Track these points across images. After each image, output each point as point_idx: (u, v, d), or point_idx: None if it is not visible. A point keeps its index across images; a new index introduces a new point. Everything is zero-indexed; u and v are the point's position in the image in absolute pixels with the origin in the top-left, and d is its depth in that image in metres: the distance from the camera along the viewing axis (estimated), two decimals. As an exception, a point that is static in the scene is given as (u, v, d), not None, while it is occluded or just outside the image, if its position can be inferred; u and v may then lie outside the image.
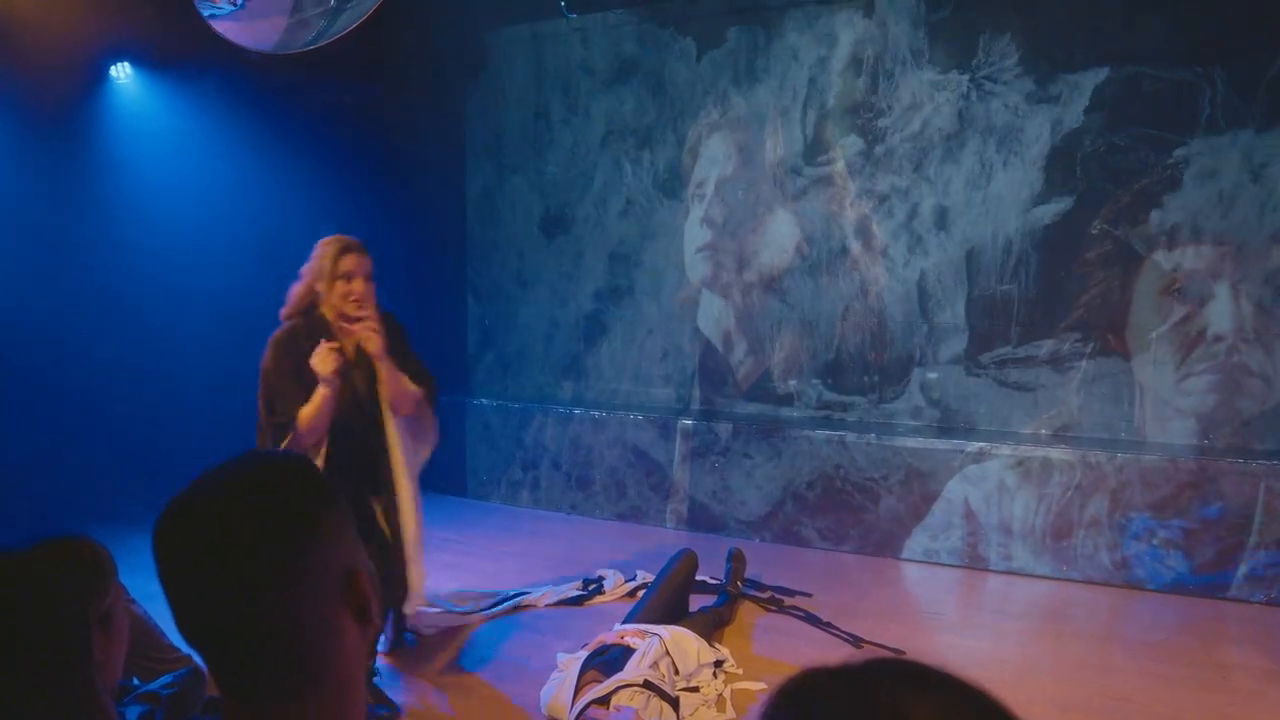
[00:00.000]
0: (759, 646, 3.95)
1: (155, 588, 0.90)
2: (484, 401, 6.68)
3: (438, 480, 6.57)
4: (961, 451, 5.04)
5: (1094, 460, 4.75)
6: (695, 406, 6.36)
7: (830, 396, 5.95)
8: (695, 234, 6.29)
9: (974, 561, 5.02)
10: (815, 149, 5.88)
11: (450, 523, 5.89)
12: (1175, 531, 4.57)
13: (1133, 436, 5.11)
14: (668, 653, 3.33)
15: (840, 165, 5.82)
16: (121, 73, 6.24)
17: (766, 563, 4.94)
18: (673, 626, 3.54)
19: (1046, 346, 5.32)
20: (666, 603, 3.90)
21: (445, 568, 4.94)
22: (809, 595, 4.49)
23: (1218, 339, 4.93)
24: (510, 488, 6.50)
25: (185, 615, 0.91)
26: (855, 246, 5.81)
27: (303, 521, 0.90)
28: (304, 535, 0.90)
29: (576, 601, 4.49)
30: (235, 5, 3.18)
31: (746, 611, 4.32)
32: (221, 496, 0.90)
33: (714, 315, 6.28)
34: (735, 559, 4.50)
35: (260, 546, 0.87)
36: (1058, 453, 4.85)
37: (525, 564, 5.15)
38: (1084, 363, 5.23)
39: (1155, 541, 4.62)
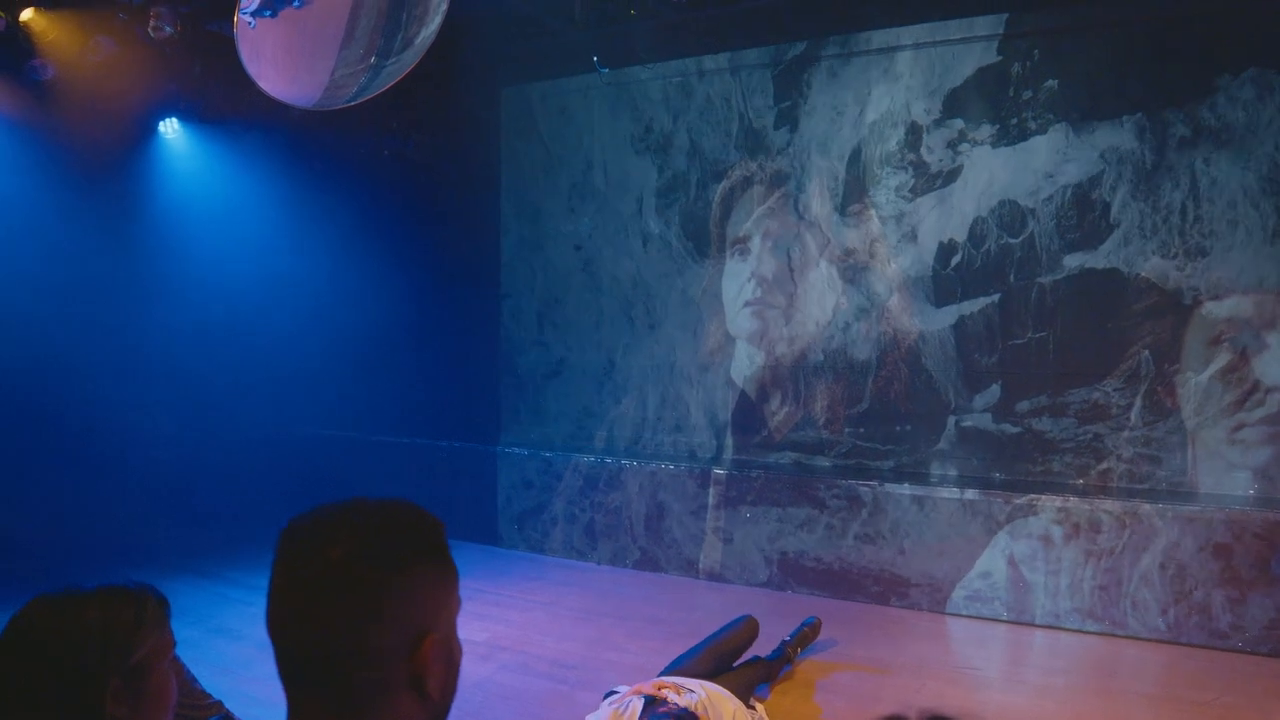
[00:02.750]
0: (801, 704, 3.86)
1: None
2: (516, 450, 6.67)
3: (468, 529, 6.57)
4: (1006, 503, 4.93)
5: (1143, 513, 4.62)
6: (728, 456, 6.31)
7: (865, 445, 5.87)
8: (736, 287, 6.30)
9: (1018, 616, 4.87)
10: (852, 201, 5.90)
11: (481, 572, 5.86)
12: (1229, 587, 4.41)
13: (1184, 489, 4.98)
14: (706, 711, 3.27)
15: (875, 216, 5.83)
16: (170, 128, 6.45)
17: (798, 614, 4.83)
18: (710, 684, 3.47)
19: (1090, 395, 5.22)
20: (714, 659, 3.82)
21: (475, 617, 4.90)
22: None
23: (1271, 390, 4.81)
24: (541, 536, 6.46)
25: (268, 612, 0.95)
26: (890, 296, 5.79)
27: (387, 564, 0.93)
28: (382, 577, 0.92)
29: None
30: (271, 10, 3.25)
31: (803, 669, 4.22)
32: (332, 517, 0.96)
33: (748, 365, 6.27)
34: (811, 627, 4.38)
35: (337, 569, 0.91)
36: (1105, 505, 4.72)
37: (554, 614, 5.09)
38: (1131, 413, 5.13)
39: (1208, 597, 4.46)
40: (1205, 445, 4.96)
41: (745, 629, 4.00)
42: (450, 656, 0.99)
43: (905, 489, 5.20)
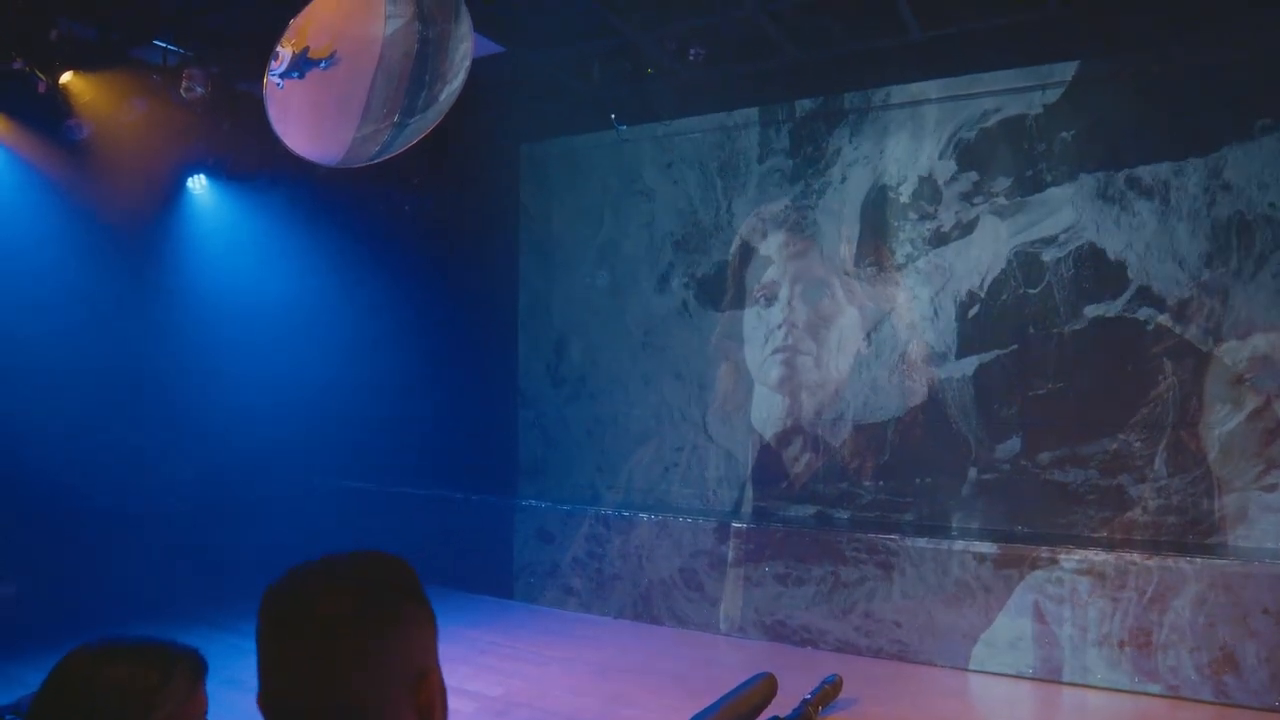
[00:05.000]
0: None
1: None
2: (532, 503, 6.64)
3: (484, 582, 6.52)
4: (1029, 556, 4.84)
5: (1172, 565, 4.51)
6: (748, 508, 6.26)
7: (886, 498, 5.81)
8: (760, 335, 6.31)
9: (1045, 673, 4.75)
10: (870, 252, 5.93)
11: (496, 625, 5.80)
12: (1266, 640, 4.28)
13: (1212, 538, 4.87)
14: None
15: (894, 267, 5.85)
16: (198, 185, 6.62)
17: (820, 670, 4.74)
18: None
19: (1112, 445, 5.16)
20: (731, 718, 3.74)
21: (490, 671, 4.84)
22: None
23: (1296, 435, 4.74)
24: (558, 590, 6.39)
25: (268, 682, 0.95)
26: (910, 347, 5.78)
27: (386, 609, 0.96)
28: (384, 621, 0.95)
29: None
30: (299, 72, 3.35)
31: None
32: (317, 574, 0.98)
33: (769, 413, 6.25)
34: (832, 685, 4.30)
35: (341, 622, 0.93)
36: (1132, 557, 4.61)
37: (572, 670, 5.01)
38: (1154, 461, 5.05)
39: (1242, 652, 4.33)
40: (1233, 492, 4.87)
41: (762, 686, 3.92)
42: (444, 692, 1.02)
43: (926, 543, 5.12)
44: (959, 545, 5.03)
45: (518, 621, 6.01)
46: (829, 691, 4.24)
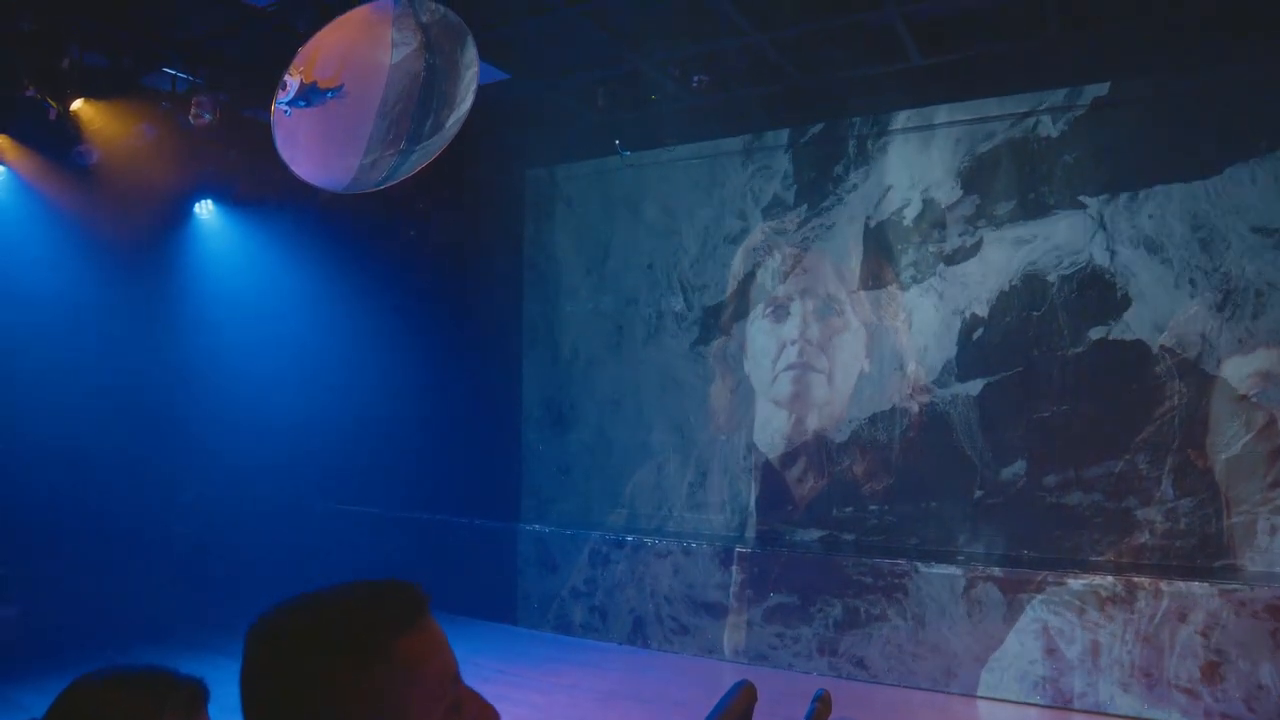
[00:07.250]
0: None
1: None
2: (536, 528, 6.62)
3: (487, 608, 6.48)
4: (1035, 580, 4.81)
5: (1183, 586, 4.46)
6: (752, 533, 6.23)
7: (892, 521, 5.78)
8: (767, 354, 6.31)
9: (1055, 699, 4.69)
10: (874, 274, 5.95)
11: (500, 652, 5.76)
12: (1278, 663, 4.24)
13: (1221, 558, 4.84)
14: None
15: (898, 289, 5.86)
16: (205, 210, 6.67)
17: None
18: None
19: (1118, 468, 5.14)
20: None
21: (492, 699, 4.78)
22: None
23: (1304, 454, 4.71)
24: (561, 616, 6.35)
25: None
26: (916, 368, 5.78)
27: (335, 668, 0.88)
28: (291, 683, 0.87)
29: None
30: (306, 101, 3.39)
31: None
32: (267, 620, 0.92)
33: (774, 434, 6.23)
34: (821, 701, 4.25)
35: (254, 675, 0.89)
36: (1141, 579, 4.57)
37: (576, 697, 4.97)
38: (1161, 482, 5.03)
39: (1256, 676, 4.28)
40: (1241, 513, 4.84)
41: (743, 696, 3.89)
42: None
43: (933, 568, 5.09)
44: (964, 570, 5.00)
45: (521, 648, 5.97)
46: (821, 710, 4.19)
